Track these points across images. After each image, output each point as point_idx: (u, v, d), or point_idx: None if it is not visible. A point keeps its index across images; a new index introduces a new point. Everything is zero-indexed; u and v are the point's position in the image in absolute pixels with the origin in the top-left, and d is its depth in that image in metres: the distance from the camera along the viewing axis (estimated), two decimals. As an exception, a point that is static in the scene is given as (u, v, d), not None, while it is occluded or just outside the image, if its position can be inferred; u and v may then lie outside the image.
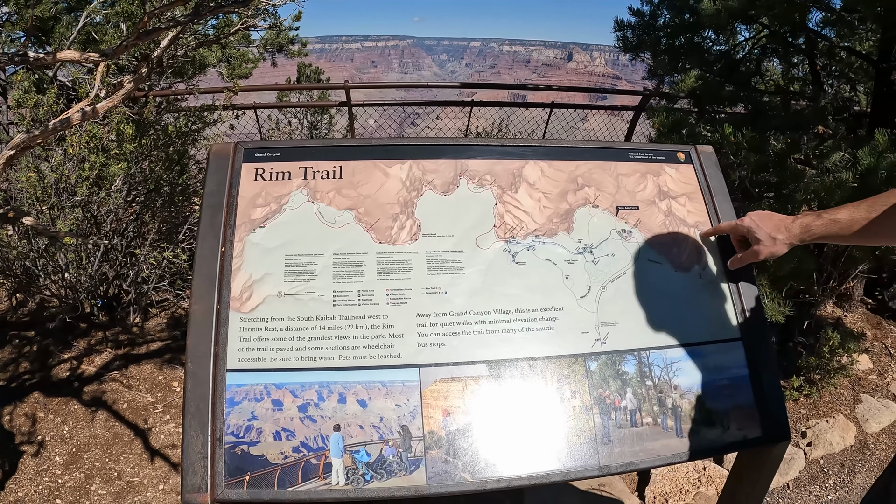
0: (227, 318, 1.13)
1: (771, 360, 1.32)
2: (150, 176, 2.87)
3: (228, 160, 1.31)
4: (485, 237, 1.28)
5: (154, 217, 3.01)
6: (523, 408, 1.12)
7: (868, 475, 2.55)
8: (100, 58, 1.56)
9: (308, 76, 6.50)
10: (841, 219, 1.13)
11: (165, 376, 2.92)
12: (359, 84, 5.47)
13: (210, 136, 3.60)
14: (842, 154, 2.71)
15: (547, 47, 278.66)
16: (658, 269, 1.35)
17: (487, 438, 1.08)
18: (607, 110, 7.24)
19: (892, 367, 3.27)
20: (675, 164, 1.50)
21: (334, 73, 13.98)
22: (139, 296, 3.07)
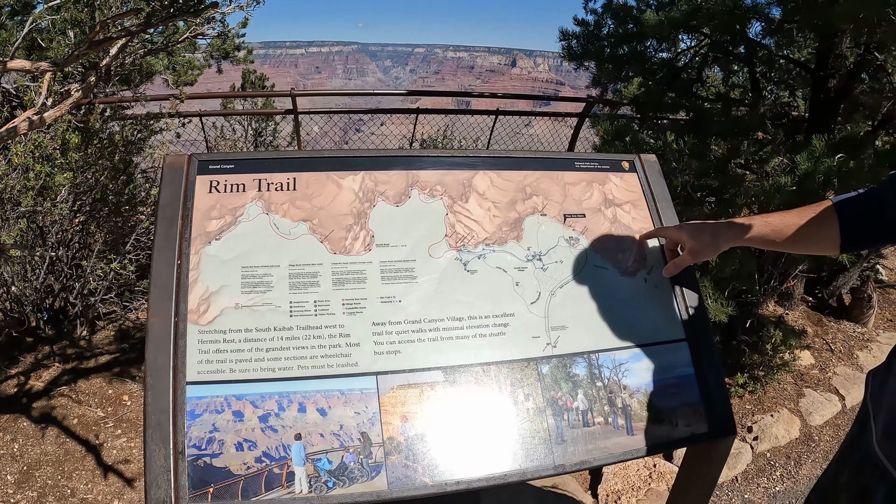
0: (185, 331, 1.15)
1: (715, 358, 1.42)
2: (97, 186, 2.82)
3: (182, 172, 1.33)
4: (437, 246, 1.34)
5: (100, 228, 2.96)
6: (479, 412, 1.18)
7: (814, 466, 2.72)
8: (51, 67, 1.55)
9: (253, 83, 6.46)
10: (773, 222, 1.23)
11: (115, 390, 2.88)
12: (305, 91, 5.49)
13: (156, 145, 3.56)
14: (781, 159, 2.90)
15: (491, 53, 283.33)
16: (605, 274, 1.43)
17: (445, 442, 1.14)
18: (551, 117, 7.45)
19: (833, 363, 3.49)
20: (619, 173, 1.60)
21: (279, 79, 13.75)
22: (86, 308, 3.01)
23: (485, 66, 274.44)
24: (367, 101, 8.91)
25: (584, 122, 6.78)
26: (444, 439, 1.14)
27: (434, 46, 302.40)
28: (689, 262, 1.37)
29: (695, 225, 1.33)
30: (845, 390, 3.23)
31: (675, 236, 1.40)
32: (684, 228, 1.34)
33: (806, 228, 1.19)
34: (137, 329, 3.37)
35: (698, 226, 1.32)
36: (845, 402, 3.17)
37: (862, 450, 1.03)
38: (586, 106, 6.61)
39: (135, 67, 2.73)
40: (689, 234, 1.32)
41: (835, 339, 3.74)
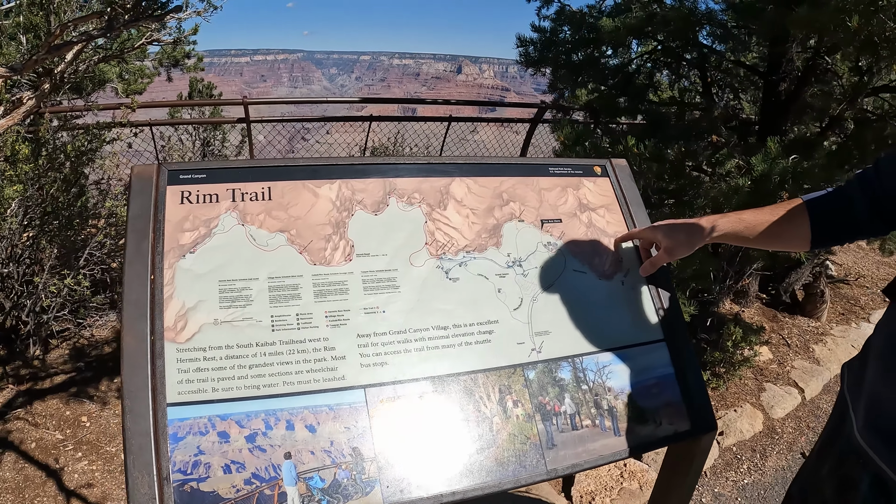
0: (162, 350, 1.11)
1: (692, 357, 1.46)
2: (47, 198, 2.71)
3: (152, 182, 1.28)
4: (417, 255, 1.34)
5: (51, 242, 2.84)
6: (470, 420, 1.18)
7: (779, 458, 2.82)
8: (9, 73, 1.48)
9: (200, 91, 6.32)
10: (747, 219, 1.28)
11: (73, 411, 2.76)
12: (258, 100, 5.41)
13: (106, 156, 3.44)
14: (736, 161, 3.00)
15: (437, 60, 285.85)
16: (583, 278, 1.46)
17: (438, 453, 1.13)
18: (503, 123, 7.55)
19: (790, 357, 3.63)
20: (592, 178, 1.63)
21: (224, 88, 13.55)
22: (38, 326, 2.88)
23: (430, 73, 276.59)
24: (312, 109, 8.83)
25: (535, 127, 6.89)
26: (437, 450, 1.13)
27: (380, 54, 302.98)
28: (666, 261, 1.41)
29: (669, 224, 1.36)
30: (804, 383, 3.36)
31: (650, 236, 1.43)
32: (659, 228, 1.38)
33: (778, 225, 1.24)
34: (92, 347, 3.24)
35: (673, 225, 1.35)
36: (804, 394, 3.30)
37: (843, 440, 1.07)
38: (538, 111, 6.72)
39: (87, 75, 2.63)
40: (665, 233, 1.35)
41: (790, 334, 3.89)
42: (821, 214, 1.18)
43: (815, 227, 1.18)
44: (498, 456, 1.17)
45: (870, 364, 1.04)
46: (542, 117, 6.75)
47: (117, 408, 2.86)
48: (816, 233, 1.19)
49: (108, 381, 3.02)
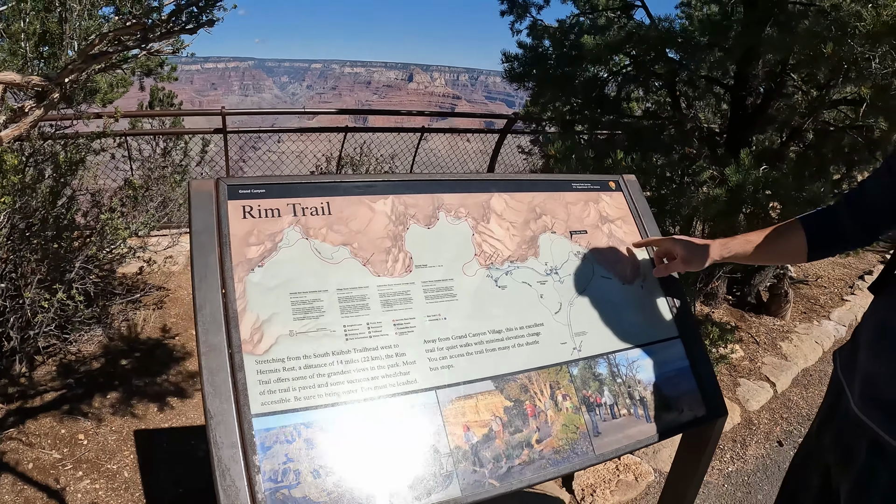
0: (242, 363, 1.17)
1: (703, 351, 1.63)
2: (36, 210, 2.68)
3: (212, 197, 1.33)
4: (469, 265, 1.45)
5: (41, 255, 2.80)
6: (529, 414, 1.30)
7: (758, 446, 3.04)
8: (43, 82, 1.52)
9: (161, 100, 6.26)
10: (753, 240, 1.46)
11: (68, 429, 2.73)
12: (236, 111, 5.41)
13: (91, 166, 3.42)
14: (711, 171, 3.23)
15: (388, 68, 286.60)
16: (609, 283, 1.60)
17: (505, 446, 1.25)
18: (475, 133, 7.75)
19: (760, 353, 3.89)
20: (609, 192, 1.78)
21: (177, 96, 13.21)
22: (23, 342, 2.84)
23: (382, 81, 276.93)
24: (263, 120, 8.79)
25: (505, 138, 7.09)
26: (504, 443, 1.25)
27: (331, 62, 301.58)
28: (680, 269, 1.60)
29: (688, 240, 1.55)
30: (775, 377, 3.61)
31: (669, 247, 1.60)
32: (678, 242, 1.55)
33: (779, 244, 1.43)
34: (80, 362, 3.21)
35: (691, 241, 1.53)
36: (776, 387, 3.55)
37: (841, 413, 1.24)
38: (507, 122, 6.92)
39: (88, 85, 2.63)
40: (684, 246, 1.53)
41: (758, 333, 4.17)
42: (815, 231, 1.37)
43: (810, 243, 1.37)
44: (556, 445, 1.29)
45: (860, 349, 1.23)
46: (511, 127, 6.95)
47: (114, 424, 2.85)
48: (812, 247, 1.37)
49: (101, 398, 3.00)
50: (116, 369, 3.22)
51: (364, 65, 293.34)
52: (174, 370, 3.31)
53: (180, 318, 3.79)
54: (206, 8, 1.86)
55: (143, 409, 2.97)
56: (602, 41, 3.44)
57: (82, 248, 3.11)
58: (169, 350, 3.47)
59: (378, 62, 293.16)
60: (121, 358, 3.31)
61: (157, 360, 3.36)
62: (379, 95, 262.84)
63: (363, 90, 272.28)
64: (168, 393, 3.12)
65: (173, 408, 3.02)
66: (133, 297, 3.66)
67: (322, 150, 7.04)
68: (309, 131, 5.92)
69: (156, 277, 4.08)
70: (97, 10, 2.08)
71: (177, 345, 3.53)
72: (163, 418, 2.95)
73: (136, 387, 3.11)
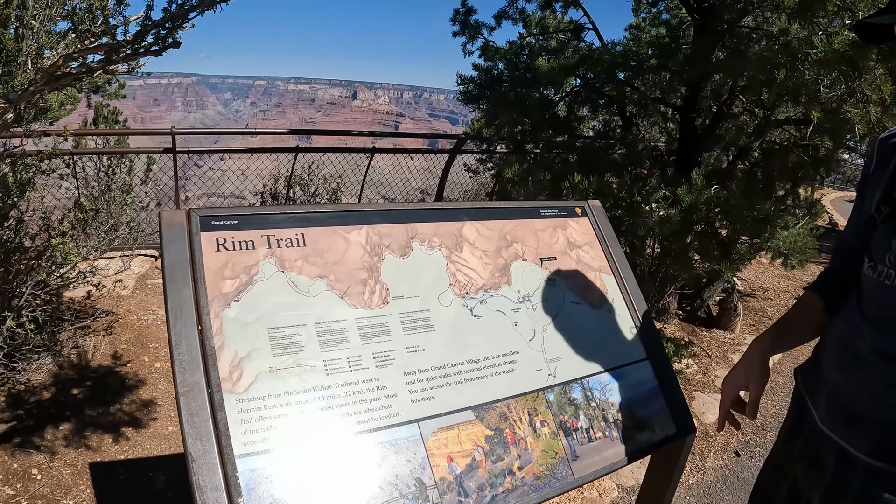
0: (222, 403, 1.15)
1: (671, 371, 1.70)
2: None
3: (184, 229, 1.31)
4: (444, 295, 1.48)
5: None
6: (510, 442, 1.33)
7: (716, 458, 3.16)
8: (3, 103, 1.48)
9: (105, 117, 6.10)
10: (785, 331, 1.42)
11: (20, 463, 2.61)
12: (187, 130, 5.31)
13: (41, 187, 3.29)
14: (663, 192, 3.36)
15: (332, 86, 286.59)
16: (580, 308, 1.66)
17: (488, 475, 1.27)
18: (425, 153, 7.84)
19: (712, 366, 4.04)
20: (575, 218, 1.85)
21: (119, 112, 12.80)
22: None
23: (326, 98, 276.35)
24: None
25: (455, 157, 7.17)
26: (487, 472, 1.28)
27: (275, 79, 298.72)
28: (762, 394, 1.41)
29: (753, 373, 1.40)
30: (727, 390, 3.76)
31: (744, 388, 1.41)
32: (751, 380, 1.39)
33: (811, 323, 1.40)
34: (30, 392, 3.06)
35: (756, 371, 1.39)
36: (730, 400, 3.69)
37: (806, 428, 1.31)
38: (458, 142, 7.01)
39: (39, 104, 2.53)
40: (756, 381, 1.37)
41: (710, 346, 4.33)
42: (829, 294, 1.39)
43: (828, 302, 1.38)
44: (537, 471, 1.32)
45: (822, 366, 1.30)
46: (461, 146, 7.04)
47: (68, 457, 2.73)
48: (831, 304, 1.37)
49: (54, 429, 2.87)
50: (68, 399, 3.10)
51: (308, 82, 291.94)
52: (128, 399, 3.21)
53: (131, 344, 3.67)
54: (173, 29, 1.84)
55: (97, 440, 2.87)
56: (556, 64, 3.55)
57: (30, 272, 2.99)
58: (121, 378, 3.36)
59: (322, 79, 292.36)
60: (72, 387, 3.19)
61: (109, 388, 3.25)
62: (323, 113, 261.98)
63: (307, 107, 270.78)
64: (122, 423, 3.02)
65: (129, 438, 2.93)
66: (83, 324, 3.53)
67: (266, 169, 6.97)
68: (261, 151, 5.86)
69: (105, 302, 3.95)
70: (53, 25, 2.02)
71: (129, 372, 3.42)
72: (118, 450, 2.86)
73: (90, 417, 3.00)
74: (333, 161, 6.93)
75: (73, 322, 3.54)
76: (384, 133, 7.22)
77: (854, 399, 1.20)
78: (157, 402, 3.24)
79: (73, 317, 3.62)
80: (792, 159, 3.68)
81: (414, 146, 7.87)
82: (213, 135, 6.79)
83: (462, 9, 4.73)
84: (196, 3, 1.97)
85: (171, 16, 1.93)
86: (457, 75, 4.23)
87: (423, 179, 8.73)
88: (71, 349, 3.44)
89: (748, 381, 1.38)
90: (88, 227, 3.25)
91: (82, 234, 3.18)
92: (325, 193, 7.16)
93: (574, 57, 3.57)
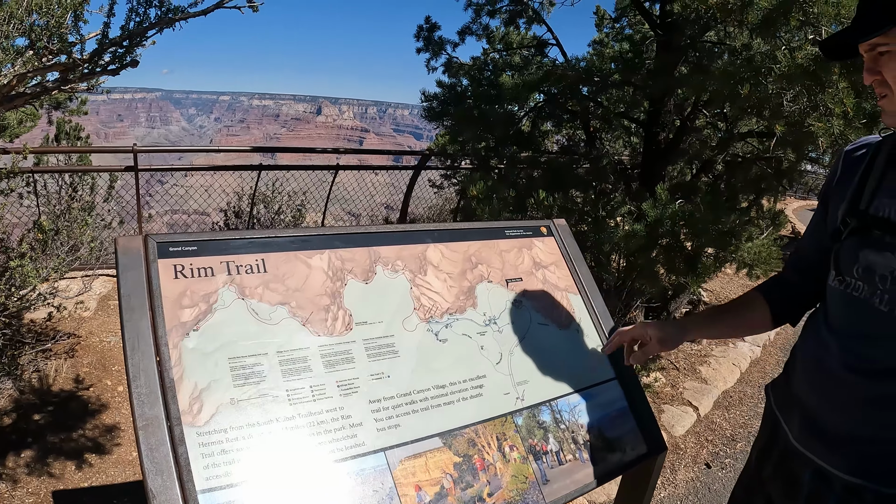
0: (182, 436, 1.13)
1: (640, 390, 1.71)
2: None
3: (141, 256, 1.28)
4: (409, 320, 1.47)
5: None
6: (479, 468, 1.33)
7: (686, 470, 3.19)
8: None
9: (68, 133, 5.98)
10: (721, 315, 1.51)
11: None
12: (148, 147, 5.23)
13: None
14: (628, 206, 3.41)
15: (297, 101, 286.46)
16: (547, 329, 1.67)
17: (458, 502, 1.26)
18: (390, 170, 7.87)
19: (680, 379, 4.09)
20: (541, 238, 1.86)
21: (80, 128, 12.55)
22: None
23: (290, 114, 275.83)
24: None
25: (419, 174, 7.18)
26: (456, 500, 1.27)
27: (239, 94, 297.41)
28: (658, 351, 1.51)
29: (659, 322, 1.53)
30: (697, 401, 3.81)
31: (639, 332, 1.53)
32: (650, 325, 1.50)
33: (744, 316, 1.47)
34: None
35: (663, 322, 1.52)
36: (699, 411, 3.74)
37: (780, 446, 1.34)
38: (422, 158, 7.04)
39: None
40: (657, 327, 1.47)
41: (677, 358, 4.39)
42: (775, 299, 1.45)
43: (773, 310, 1.45)
44: (507, 497, 1.32)
45: (794, 384, 1.33)
46: (426, 163, 7.06)
47: (30, 485, 2.64)
48: (775, 314, 1.44)
49: (15, 456, 2.77)
50: (29, 425, 3.01)
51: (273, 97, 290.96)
52: (90, 424, 3.13)
53: (93, 368, 3.57)
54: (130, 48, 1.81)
55: (60, 467, 2.78)
56: (520, 80, 3.60)
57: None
58: (84, 402, 3.27)
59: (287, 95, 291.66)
60: (33, 412, 3.10)
61: (72, 413, 3.16)
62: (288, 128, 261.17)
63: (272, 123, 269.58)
64: (86, 449, 2.94)
65: (92, 465, 2.84)
66: (44, 347, 3.43)
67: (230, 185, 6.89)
68: (223, 169, 5.80)
69: (66, 324, 3.84)
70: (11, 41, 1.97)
71: (91, 396, 3.33)
72: (82, 477, 2.77)
73: (52, 443, 2.92)
74: (297, 178, 6.90)
75: (33, 345, 3.45)
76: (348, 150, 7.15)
77: (827, 415, 1.22)
78: (120, 426, 3.16)
79: (34, 339, 3.51)
80: (755, 171, 3.79)
81: (378, 163, 7.86)
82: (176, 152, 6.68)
83: (426, 25, 4.78)
84: (154, 22, 1.95)
85: (128, 34, 1.90)
86: (420, 92, 4.26)
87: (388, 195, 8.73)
88: (32, 373, 3.35)
89: (653, 336, 1.46)
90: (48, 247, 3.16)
91: (42, 256, 3.10)
92: (289, 211, 7.12)
93: (538, 73, 3.63)
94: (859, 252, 1.18)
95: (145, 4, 1.92)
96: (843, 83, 2.57)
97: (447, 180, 7.05)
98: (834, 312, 1.25)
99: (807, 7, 2.54)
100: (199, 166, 5.81)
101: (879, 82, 1.12)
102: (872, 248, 1.16)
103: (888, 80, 1.10)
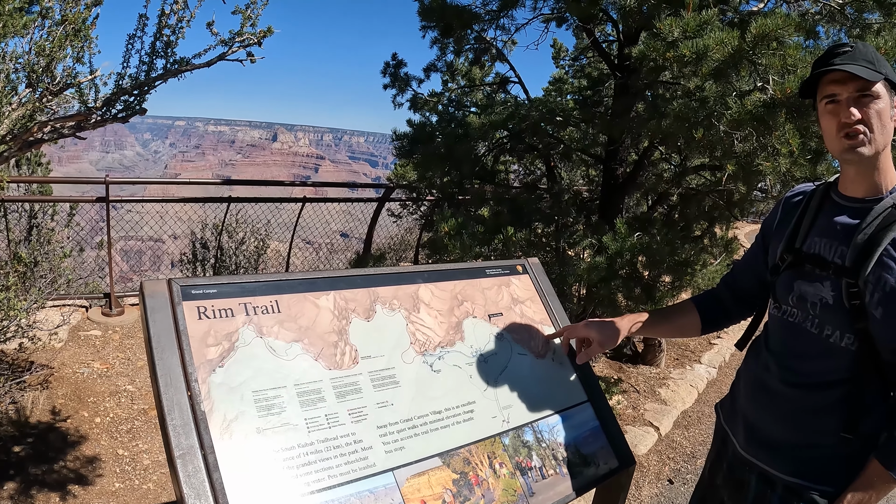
0: (216, 463, 1.31)
1: (609, 410, 1.96)
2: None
3: (166, 299, 1.45)
4: (406, 353, 1.69)
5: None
6: (474, 484, 1.54)
7: (651, 486, 3.45)
8: None
9: (29, 159, 6.00)
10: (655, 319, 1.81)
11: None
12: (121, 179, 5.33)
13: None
14: (589, 240, 3.71)
15: (252, 127, 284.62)
16: (526, 359, 1.91)
17: (458, 514, 1.47)
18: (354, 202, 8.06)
19: (641, 401, 4.38)
20: (517, 275, 2.11)
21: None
22: None
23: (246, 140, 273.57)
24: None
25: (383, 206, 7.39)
26: (456, 512, 1.47)
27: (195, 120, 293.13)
28: (599, 352, 1.87)
29: (600, 322, 1.85)
30: (657, 422, 4.10)
31: (583, 333, 1.86)
32: (592, 325, 1.83)
33: (678, 320, 1.79)
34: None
35: (602, 322, 1.84)
36: (660, 431, 4.03)
37: (729, 456, 1.60)
38: (386, 191, 7.25)
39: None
40: (597, 329, 1.81)
41: (638, 381, 4.69)
42: (704, 310, 1.75)
43: (702, 320, 1.75)
44: (499, 510, 1.53)
45: (739, 401, 1.60)
46: (389, 196, 7.28)
47: (17, 513, 2.71)
48: (704, 323, 1.76)
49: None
50: (10, 457, 3.07)
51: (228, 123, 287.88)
52: (71, 455, 3.19)
53: (69, 399, 3.63)
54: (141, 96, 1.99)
55: (44, 498, 2.86)
56: (487, 120, 3.88)
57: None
58: (62, 434, 3.33)
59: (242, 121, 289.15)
60: (12, 444, 3.15)
61: (51, 445, 3.23)
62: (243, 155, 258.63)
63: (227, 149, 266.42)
64: (68, 480, 3.01)
65: (76, 496, 2.92)
66: (20, 378, 3.48)
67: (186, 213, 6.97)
68: (194, 201, 5.90)
69: (38, 355, 3.88)
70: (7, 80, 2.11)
71: (69, 428, 3.39)
72: (66, 508, 2.85)
73: (34, 475, 2.98)
74: (256, 208, 7.04)
75: (9, 376, 3.49)
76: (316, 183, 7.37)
77: (768, 426, 1.49)
78: (101, 458, 3.23)
79: (8, 370, 3.55)
80: (708, 202, 4.15)
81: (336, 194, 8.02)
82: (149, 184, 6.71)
83: (392, 62, 5.05)
84: (161, 73, 2.14)
85: (138, 84, 2.08)
86: (392, 131, 4.51)
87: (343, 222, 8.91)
88: (9, 405, 3.39)
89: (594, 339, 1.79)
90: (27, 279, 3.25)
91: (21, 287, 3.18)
92: (253, 241, 7.24)
93: (503, 113, 3.93)
94: (794, 283, 1.46)
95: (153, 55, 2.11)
96: (790, 126, 2.91)
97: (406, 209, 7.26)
98: (773, 336, 1.53)
99: (756, 59, 2.89)
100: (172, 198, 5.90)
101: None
102: (805, 280, 1.44)
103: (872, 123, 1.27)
